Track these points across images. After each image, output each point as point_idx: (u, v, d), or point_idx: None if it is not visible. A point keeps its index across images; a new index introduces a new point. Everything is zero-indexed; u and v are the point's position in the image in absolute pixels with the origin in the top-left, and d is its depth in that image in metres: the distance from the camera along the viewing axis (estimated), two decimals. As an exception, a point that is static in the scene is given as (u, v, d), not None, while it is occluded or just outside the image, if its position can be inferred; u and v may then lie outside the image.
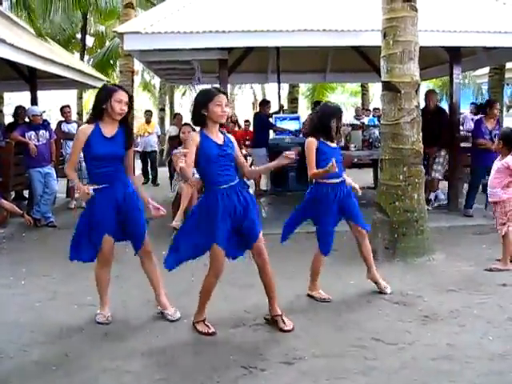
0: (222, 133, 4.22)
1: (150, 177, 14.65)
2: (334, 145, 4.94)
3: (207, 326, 4.29)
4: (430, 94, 9.34)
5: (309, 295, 5.05)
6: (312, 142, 4.85)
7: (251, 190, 4.43)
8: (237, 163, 4.27)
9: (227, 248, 4.16)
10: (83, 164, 10.46)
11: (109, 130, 4.34)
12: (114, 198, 4.37)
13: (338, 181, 4.86)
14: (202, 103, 4.08)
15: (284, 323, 4.28)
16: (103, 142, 4.30)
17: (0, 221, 7.64)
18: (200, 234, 4.14)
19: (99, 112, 4.34)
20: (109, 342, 4.16)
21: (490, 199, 5.93)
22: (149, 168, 14.76)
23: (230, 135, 4.34)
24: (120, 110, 4.27)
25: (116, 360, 3.82)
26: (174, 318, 4.53)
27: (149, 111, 15.54)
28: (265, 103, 11.98)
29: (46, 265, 6.37)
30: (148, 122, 14.75)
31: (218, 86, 4.28)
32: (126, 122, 4.45)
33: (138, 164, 13.97)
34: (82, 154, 4.39)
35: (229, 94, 9.81)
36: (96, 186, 4.33)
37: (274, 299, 4.33)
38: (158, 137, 14.47)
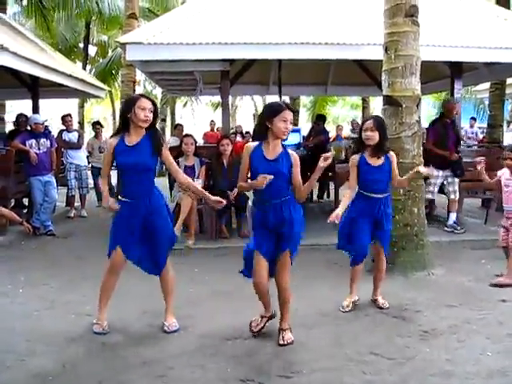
0: (283, 147, 4.20)
1: None
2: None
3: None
4: (454, 104, 8.64)
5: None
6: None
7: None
8: (292, 183, 4.23)
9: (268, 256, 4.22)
10: (83, 172, 10.60)
11: (132, 138, 4.35)
12: (135, 215, 4.37)
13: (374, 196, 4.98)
14: (268, 115, 4.09)
15: (282, 338, 4.25)
16: (125, 151, 4.31)
17: (-1, 228, 7.63)
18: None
19: (125, 122, 4.36)
20: (106, 352, 4.14)
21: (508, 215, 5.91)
22: None
23: (293, 153, 4.27)
24: (144, 117, 4.26)
25: (113, 371, 3.80)
26: (169, 330, 4.50)
27: None
28: None
29: (45, 273, 6.35)
30: None
31: (284, 100, 4.23)
32: (153, 129, 4.43)
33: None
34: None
35: (230, 105, 9.86)
36: (122, 199, 4.40)
37: (284, 314, 4.33)
38: None
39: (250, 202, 8.60)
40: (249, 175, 4.26)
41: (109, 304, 4.61)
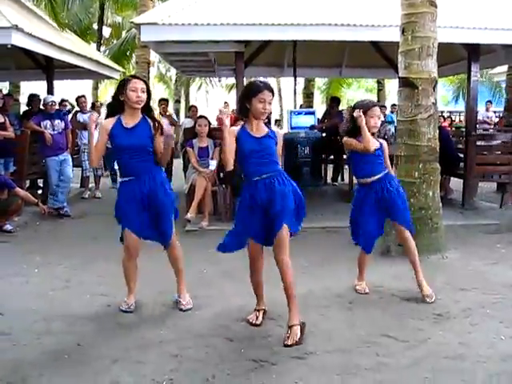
0: (267, 126, 4.16)
1: None
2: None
3: (256, 316, 4.33)
4: None
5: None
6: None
7: None
8: None
9: (262, 240, 4.17)
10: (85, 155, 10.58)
11: (130, 120, 4.35)
12: (138, 192, 4.37)
13: (371, 179, 4.89)
14: (246, 97, 4.04)
15: (287, 338, 3.96)
16: (124, 133, 4.31)
17: (15, 209, 7.69)
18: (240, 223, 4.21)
19: (119, 105, 4.35)
20: (121, 331, 4.18)
21: None
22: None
23: (277, 130, 4.25)
24: (136, 98, 4.26)
25: (128, 350, 3.83)
26: (185, 307, 4.56)
27: (164, 100, 13.00)
28: None
29: (60, 254, 6.41)
30: (164, 112, 11.73)
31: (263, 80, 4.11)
32: (149, 111, 4.44)
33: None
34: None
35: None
36: (124, 179, 4.41)
37: (292, 307, 4.08)
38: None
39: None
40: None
41: (124, 283, 4.65)
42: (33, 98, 10.44)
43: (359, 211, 4.96)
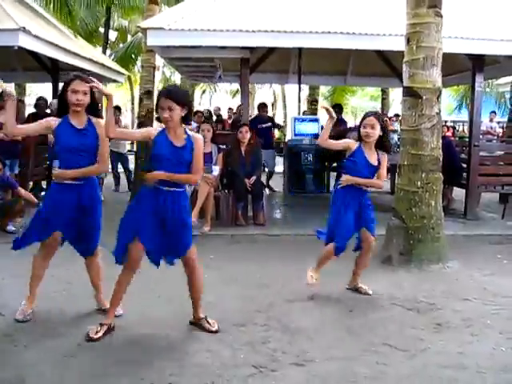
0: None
1: None
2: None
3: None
4: None
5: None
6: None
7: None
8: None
9: (150, 247, 4.08)
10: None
11: (77, 121, 4.18)
12: (75, 197, 4.26)
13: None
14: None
15: (209, 324, 4.24)
16: (71, 133, 4.14)
17: (18, 210, 7.70)
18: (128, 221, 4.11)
19: (64, 105, 4.18)
20: (123, 334, 4.16)
21: None
22: None
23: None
24: (76, 101, 4.06)
25: (129, 352, 3.84)
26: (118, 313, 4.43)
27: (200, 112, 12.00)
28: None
29: (62, 255, 6.36)
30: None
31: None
32: (93, 114, 4.28)
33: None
34: None
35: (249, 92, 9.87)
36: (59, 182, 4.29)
37: (198, 303, 4.29)
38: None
39: (266, 191, 8.65)
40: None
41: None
42: (40, 102, 10.47)
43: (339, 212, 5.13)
